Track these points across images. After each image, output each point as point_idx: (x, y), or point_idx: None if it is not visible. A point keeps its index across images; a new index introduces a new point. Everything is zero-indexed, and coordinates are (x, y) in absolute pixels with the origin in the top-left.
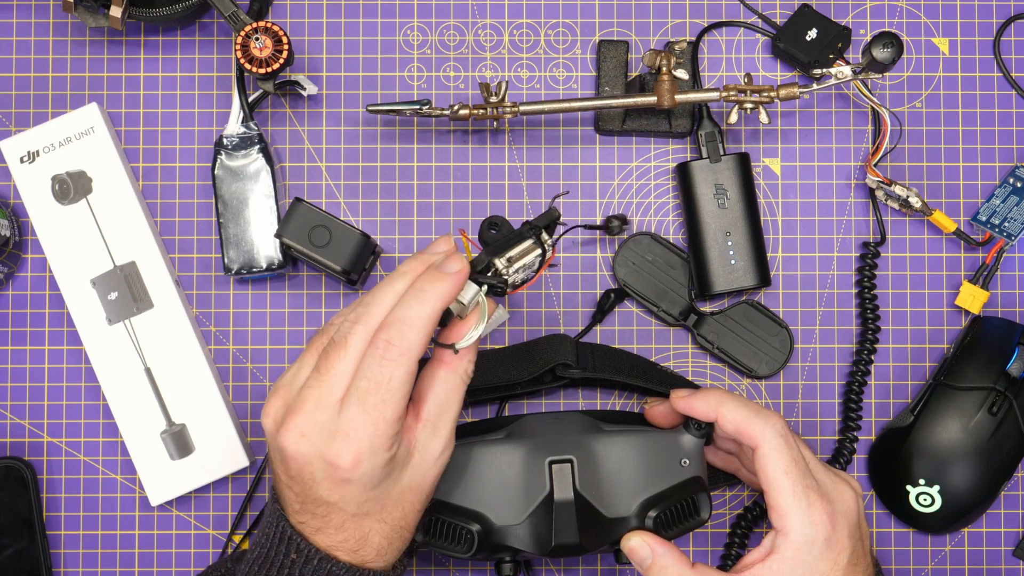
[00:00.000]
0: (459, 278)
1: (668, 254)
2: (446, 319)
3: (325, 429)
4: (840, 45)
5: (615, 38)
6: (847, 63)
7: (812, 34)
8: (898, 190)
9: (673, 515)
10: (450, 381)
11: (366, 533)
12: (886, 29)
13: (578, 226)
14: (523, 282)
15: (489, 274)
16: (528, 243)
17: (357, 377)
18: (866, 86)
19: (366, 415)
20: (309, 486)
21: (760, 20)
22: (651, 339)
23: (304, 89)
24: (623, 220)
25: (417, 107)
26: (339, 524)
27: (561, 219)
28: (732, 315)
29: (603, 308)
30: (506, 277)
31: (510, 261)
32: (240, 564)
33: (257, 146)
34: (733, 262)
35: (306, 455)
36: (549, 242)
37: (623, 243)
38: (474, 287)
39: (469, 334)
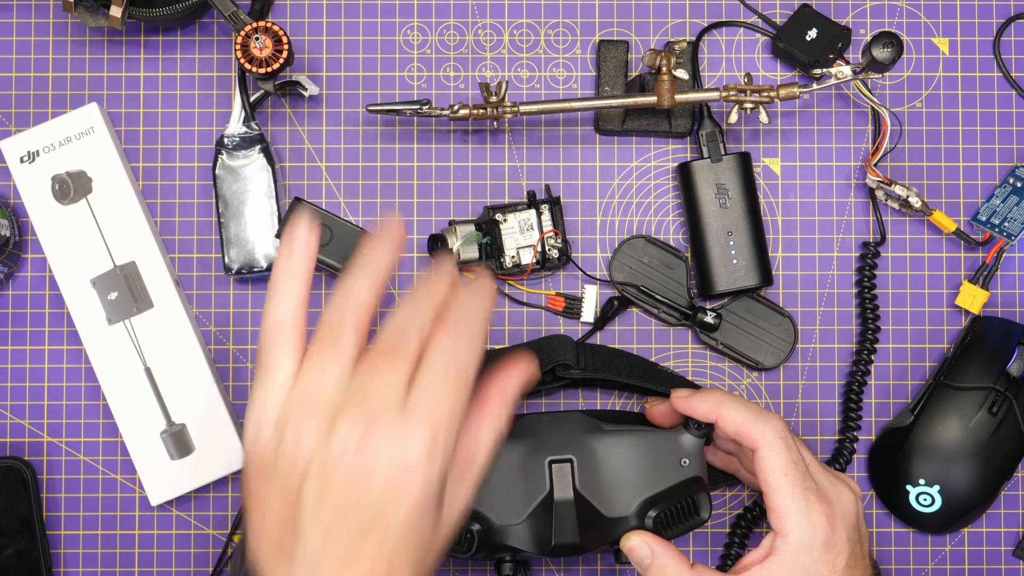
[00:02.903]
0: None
1: (665, 255)
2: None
3: (399, 412)
4: (840, 45)
5: (615, 38)
6: (847, 63)
7: (812, 34)
8: (898, 190)
9: (673, 515)
10: (483, 431)
11: (398, 561)
12: (886, 29)
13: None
14: (532, 248)
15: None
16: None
17: (429, 357)
18: (866, 86)
19: (446, 392)
20: (359, 497)
21: (760, 20)
22: (651, 339)
23: (305, 89)
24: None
25: (417, 107)
26: (377, 547)
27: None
28: (733, 309)
29: (605, 315)
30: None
31: (506, 217)
32: None
33: (258, 146)
34: (735, 262)
35: (376, 448)
36: (545, 214)
37: (618, 248)
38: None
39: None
